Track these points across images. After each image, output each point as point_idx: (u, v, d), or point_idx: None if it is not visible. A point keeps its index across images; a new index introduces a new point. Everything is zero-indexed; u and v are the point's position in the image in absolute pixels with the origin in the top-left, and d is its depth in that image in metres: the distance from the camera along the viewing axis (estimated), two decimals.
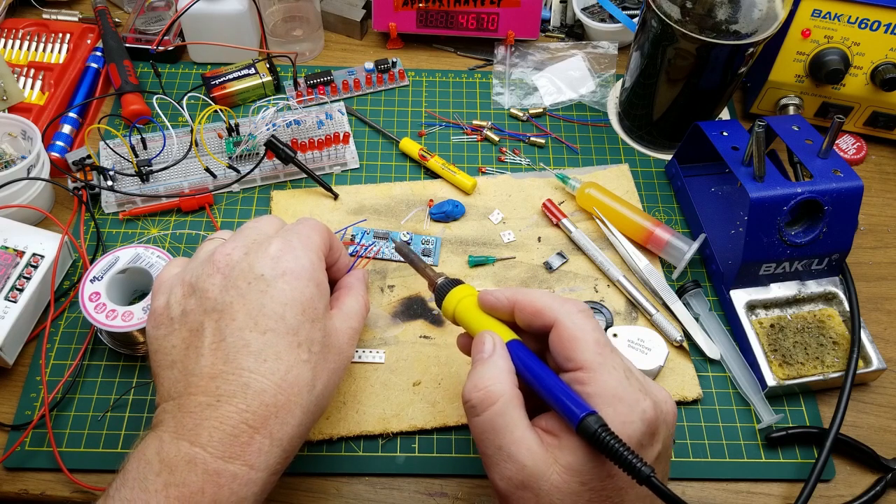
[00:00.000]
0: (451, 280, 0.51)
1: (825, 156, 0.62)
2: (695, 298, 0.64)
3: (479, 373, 0.42)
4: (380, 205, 0.70)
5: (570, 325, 0.42)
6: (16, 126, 0.67)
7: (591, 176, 0.73)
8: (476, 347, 0.44)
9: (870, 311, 0.67)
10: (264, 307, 0.43)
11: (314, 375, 0.44)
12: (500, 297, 0.46)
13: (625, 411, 0.39)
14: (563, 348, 0.42)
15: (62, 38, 0.79)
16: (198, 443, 0.40)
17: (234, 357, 0.42)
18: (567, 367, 0.42)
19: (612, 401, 0.39)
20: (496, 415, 0.40)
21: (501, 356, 0.43)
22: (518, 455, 0.39)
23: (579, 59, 0.83)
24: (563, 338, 0.42)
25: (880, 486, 0.57)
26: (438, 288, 0.51)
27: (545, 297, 0.44)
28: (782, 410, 0.61)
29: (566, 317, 0.43)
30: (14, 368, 0.60)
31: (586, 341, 0.41)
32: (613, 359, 0.41)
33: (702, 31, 0.63)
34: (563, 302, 0.44)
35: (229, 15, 0.77)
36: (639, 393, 0.40)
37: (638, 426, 0.39)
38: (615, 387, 0.40)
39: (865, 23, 0.69)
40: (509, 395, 0.41)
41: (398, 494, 0.56)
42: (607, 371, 0.40)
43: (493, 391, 0.41)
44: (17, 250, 0.61)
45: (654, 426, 0.40)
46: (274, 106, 0.70)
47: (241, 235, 0.48)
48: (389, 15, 0.82)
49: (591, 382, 0.40)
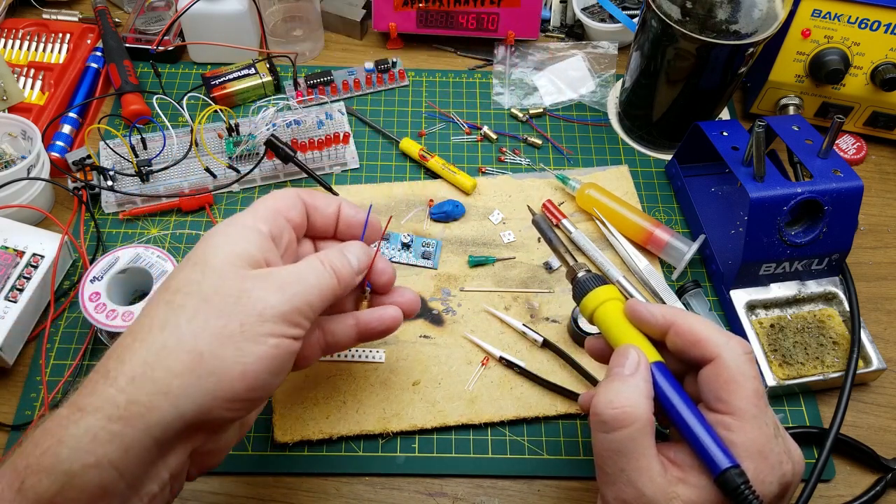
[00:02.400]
0: (595, 275, 0.48)
1: (825, 156, 0.62)
2: (695, 298, 0.64)
3: (617, 389, 0.40)
4: (380, 205, 0.70)
5: (733, 366, 0.40)
6: (16, 126, 0.67)
7: (591, 177, 0.73)
8: (617, 360, 0.42)
9: (870, 311, 0.67)
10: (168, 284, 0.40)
11: (170, 313, 0.38)
12: (655, 313, 0.44)
13: (766, 470, 0.38)
14: (717, 388, 0.40)
15: (62, 38, 0.79)
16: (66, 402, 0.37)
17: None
18: (716, 408, 0.40)
19: (755, 456, 0.38)
20: (627, 438, 0.39)
21: (644, 378, 0.41)
22: (639, 482, 0.38)
23: (579, 59, 0.83)
24: (722, 377, 0.40)
25: (880, 486, 0.57)
26: (580, 281, 0.48)
27: (708, 327, 0.42)
28: (782, 410, 0.61)
29: (730, 356, 0.41)
30: (14, 368, 0.60)
31: (746, 388, 0.40)
32: (767, 413, 0.40)
33: (702, 31, 0.63)
34: (728, 338, 0.42)
35: (229, 15, 0.77)
36: (783, 455, 0.39)
37: (774, 488, 0.38)
38: (763, 443, 0.39)
39: (865, 23, 0.69)
40: (644, 420, 0.39)
41: (398, 494, 0.56)
42: (759, 425, 0.39)
43: (630, 414, 0.39)
44: (17, 250, 0.61)
45: (787, 489, 0.40)
46: (274, 106, 0.70)
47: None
48: (389, 15, 0.82)
49: (739, 432, 0.39)
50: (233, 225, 0.43)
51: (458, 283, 0.65)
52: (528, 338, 0.62)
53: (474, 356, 0.61)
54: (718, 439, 0.39)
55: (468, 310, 0.64)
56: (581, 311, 0.48)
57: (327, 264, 0.43)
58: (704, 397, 0.41)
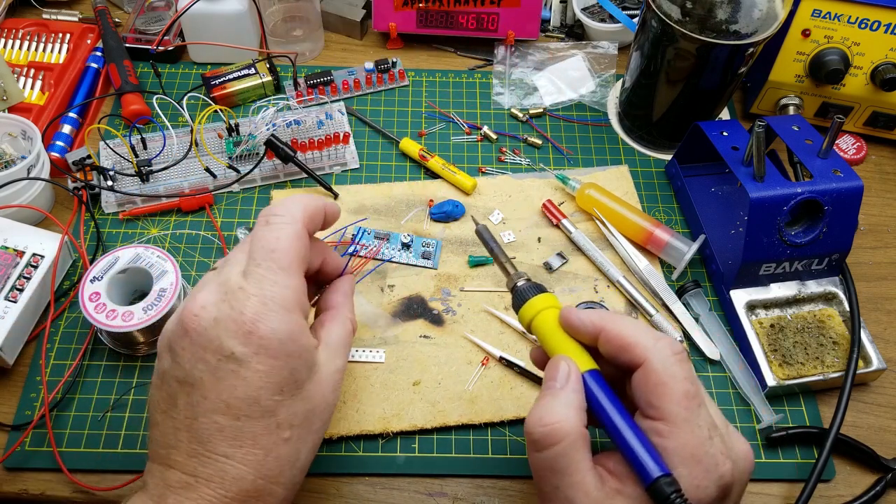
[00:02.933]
0: (533, 285, 0.47)
1: (825, 156, 0.62)
2: (695, 299, 0.64)
3: (547, 406, 0.39)
4: (380, 205, 0.70)
5: (661, 369, 0.39)
6: (16, 126, 0.67)
7: (591, 177, 0.73)
8: (549, 373, 0.42)
9: (870, 311, 0.67)
10: (236, 390, 0.39)
11: (297, 450, 0.42)
12: (585, 319, 0.42)
13: (700, 475, 0.37)
14: (647, 392, 0.39)
15: (62, 38, 0.79)
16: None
17: (208, 439, 0.40)
18: (648, 414, 0.39)
19: (689, 461, 0.37)
20: (559, 455, 0.38)
21: (574, 390, 0.40)
22: (574, 498, 0.38)
23: (579, 59, 0.83)
24: (650, 382, 0.39)
25: (880, 486, 0.57)
26: (518, 291, 0.47)
27: (637, 331, 0.41)
28: (782, 410, 0.61)
29: (657, 359, 0.39)
30: (14, 368, 0.60)
31: (675, 391, 0.38)
32: (699, 415, 0.38)
33: (702, 31, 0.63)
34: (656, 340, 0.40)
35: (229, 15, 0.77)
36: (720, 455, 0.38)
37: (711, 491, 0.37)
38: (696, 447, 0.37)
39: (865, 23, 0.69)
40: (575, 435, 0.38)
41: (398, 494, 0.56)
42: (691, 429, 0.38)
43: (559, 430, 0.38)
44: (17, 250, 0.61)
45: (727, 490, 0.38)
46: (274, 106, 0.70)
47: (223, 280, 0.42)
48: (389, 15, 0.82)
49: (671, 437, 0.38)
50: (294, 335, 0.42)
51: (458, 283, 0.65)
52: (528, 338, 0.62)
53: (474, 356, 0.61)
54: (651, 447, 0.38)
55: (468, 310, 0.64)
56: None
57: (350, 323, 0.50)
58: (637, 403, 0.40)
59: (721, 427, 0.40)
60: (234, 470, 0.40)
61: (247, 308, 0.40)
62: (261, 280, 0.41)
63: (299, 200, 0.45)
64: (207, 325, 0.40)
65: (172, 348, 0.41)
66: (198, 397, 0.40)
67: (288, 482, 0.42)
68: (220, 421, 0.40)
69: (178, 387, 0.41)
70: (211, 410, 0.40)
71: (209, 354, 0.40)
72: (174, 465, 0.40)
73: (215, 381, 0.40)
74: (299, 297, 0.42)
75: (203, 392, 0.40)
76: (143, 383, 0.59)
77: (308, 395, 0.42)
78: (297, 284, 0.43)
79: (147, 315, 0.56)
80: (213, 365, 0.40)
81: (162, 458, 0.41)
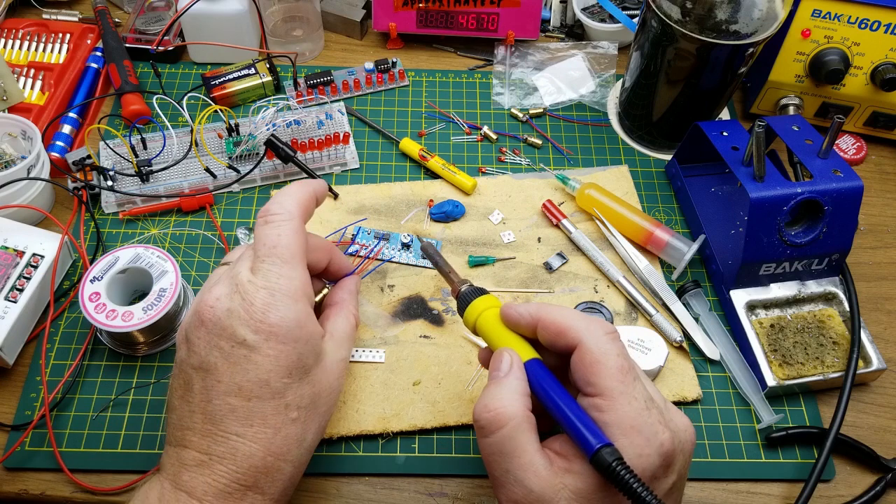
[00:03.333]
0: (475, 289, 0.50)
1: (825, 156, 0.62)
2: (695, 299, 0.64)
3: (491, 393, 0.41)
4: (380, 205, 0.70)
5: (594, 348, 0.41)
6: (16, 126, 0.67)
7: (591, 177, 0.73)
8: (492, 365, 0.44)
9: (870, 311, 0.67)
10: (248, 373, 0.43)
11: (304, 430, 0.45)
12: (522, 312, 0.45)
13: (641, 443, 0.38)
14: (584, 372, 0.41)
15: (62, 38, 0.79)
16: (194, 495, 0.42)
17: (220, 420, 0.43)
18: (586, 392, 0.41)
19: (629, 432, 0.39)
20: (505, 438, 0.40)
21: (516, 377, 0.42)
22: (525, 480, 0.39)
23: (579, 59, 0.83)
24: (585, 361, 0.41)
25: (880, 486, 0.57)
26: (461, 296, 0.50)
27: (570, 315, 0.43)
28: (782, 410, 0.61)
29: (590, 339, 0.41)
30: (14, 368, 0.60)
31: (609, 367, 0.40)
32: (635, 387, 0.40)
33: (702, 31, 0.63)
34: (588, 322, 0.42)
35: (229, 15, 0.77)
36: (658, 424, 0.39)
37: (654, 459, 0.39)
38: (634, 417, 0.39)
39: (865, 23, 0.69)
40: (520, 418, 0.40)
41: (398, 494, 0.56)
42: (627, 400, 0.39)
43: (503, 414, 0.40)
44: (17, 250, 0.61)
45: (670, 458, 0.40)
46: (274, 106, 0.70)
47: (233, 276, 0.45)
48: (389, 15, 0.82)
49: (610, 411, 0.39)
50: (302, 323, 0.44)
51: None
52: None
53: (474, 356, 0.61)
54: (591, 422, 0.39)
55: None
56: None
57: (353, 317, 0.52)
58: (577, 384, 0.42)
59: (659, 402, 0.41)
60: (246, 447, 0.42)
61: (256, 299, 0.43)
62: (267, 274, 0.44)
63: (292, 194, 0.48)
64: (221, 315, 0.43)
65: (189, 338, 0.45)
66: (212, 381, 0.43)
67: (295, 460, 0.45)
68: (232, 402, 0.43)
69: (193, 373, 0.44)
70: (224, 393, 0.43)
71: (223, 342, 0.43)
72: (189, 446, 0.43)
73: (229, 365, 0.43)
74: (304, 287, 0.45)
75: (217, 376, 0.43)
76: (143, 383, 0.59)
77: (314, 379, 0.45)
78: (301, 275, 0.45)
79: (147, 315, 0.56)
80: (226, 351, 0.43)
81: (178, 440, 0.44)
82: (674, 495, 0.41)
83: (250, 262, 0.45)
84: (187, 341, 0.45)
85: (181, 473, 0.43)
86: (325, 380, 0.46)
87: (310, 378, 0.45)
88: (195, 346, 0.44)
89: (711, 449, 0.58)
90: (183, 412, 0.44)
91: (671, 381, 0.60)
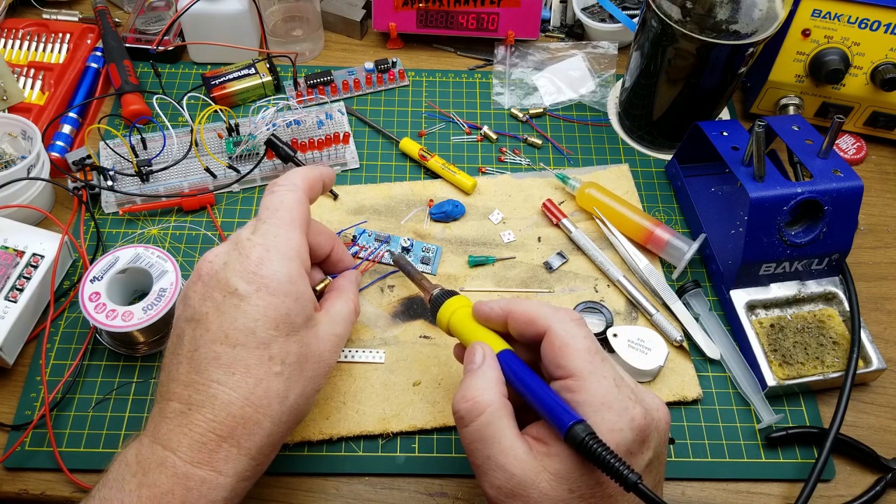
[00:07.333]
0: (446, 291, 0.52)
1: (825, 156, 0.62)
2: (695, 298, 0.64)
3: (467, 384, 0.43)
4: (380, 205, 0.70)
5: (562, 332, 0.43)
6: (16, 126, 0.67)
7: (591, 176, 0.73)
8: (467, 358, 0.45)
9: (870, 311, 0.67)
10: (236, 321, 0.44)
11: (287, 387, 0.45)
12: (494, 307, 0.47)
13: (613, 419, 0.39)
14: (553, 356, 0.42)
15: (62, 38, 0.79)
16: (169, 447, 0.42)
17: (204, 368, 0.43)
18: (557, 375, 0.42)
19: (600, 409, 0.40)
20: (484, 425, 0.41)
21: (490, 367, 0.44)
22: (506, 464, 0.40)
23: (579, 59, 0.83)
24: (554, 345, 0.42)
25: (880, 486, 0.57)
26: (433, 299, 0.52)
27: (538, 306, 0.45)
28: (782, 410, 0.61)
29: (557, 324, 0.43)
30: (14, 368, 0.60)
31: (577, 349, 0.42)
32: (603, 367, 0.41)
33: (702, 31, 0.63)
34: (555, 310, 0.44)
35: (229, 15, 0.77)
36: (628, 401, 0.40)
37: (627, 434, 0.39)
38: (604, 394, 0.40)
39: (865, 23, 0.69)
40: (497, 405, 0.42)
41: (398, 494, 0.56)
42: (597, 379, 0.41)
43: (481, 402, 0.42)
44: (17, 250, 0.61)
45: (644, 433, 0.40)
46: (274, 106, 0.70)
47: (235, 236, 0.48)
48: (389, 15, 0.82)
49: (580, 390, 0.40)
50: (293, 283, 0.46)
51: (457, 283, 0.65)
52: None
53: None
54: (562, 401, 0.41)
55: None
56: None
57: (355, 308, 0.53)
58: (548, 370, 0.43)
59: (629, 382, 0.42)
60: (224, 395, 0.43)
61: (252, 253, 0.45)
62: (265, 233, 0.47)
63: (299, 171, 0.51)
64: (218, 269, 0.46)
65: (186, 294, 0.47)
66: (202, 330, 0.44)
67: (275, 416, 0.44)
68: (217, 350, 0.43)
69: (185, 325, 0.45)
70: (211, 341, 0.44)
71: (216, 292, 0.45)
72: (172, 398, 0.44)
73: (219, 314, 0.44)
74: (299, 249, 0.47)
75: (206, 325, 0.44)
76: (143, 382, 0.59)
77: (303, 340, 0.46)
78: (298, 238, 0.47)
79: (147, 315, 0.56)
80: (218, 301, 0.44)
81: (163, 394, 0.45)
82: (652, 473, 0.42)
83: (253, 227, 0.48)
84: (184, 299, 0.47)
85: (160, 426, 0.43)
86: (314, 345, 0.47)
87: (298, 337, 0.46)
88: (190, 301, 0.46)
89: (711, 449, 0.58)
90: (171, 365, 0.45)
91: (671, 381, 0.60)
